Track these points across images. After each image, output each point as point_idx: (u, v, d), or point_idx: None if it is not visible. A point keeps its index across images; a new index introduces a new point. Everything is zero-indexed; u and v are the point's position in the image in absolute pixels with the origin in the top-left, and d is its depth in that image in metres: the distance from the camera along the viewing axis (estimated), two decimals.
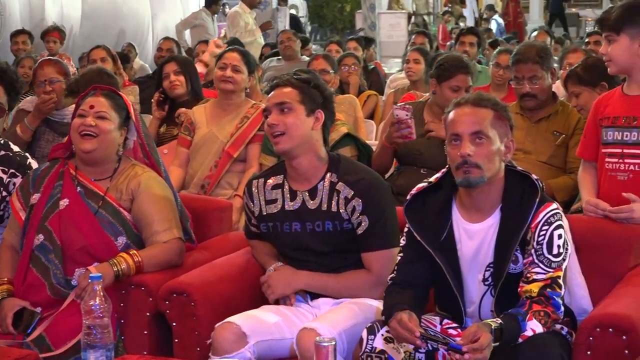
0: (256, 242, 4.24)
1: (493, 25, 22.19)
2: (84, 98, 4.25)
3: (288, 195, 4.03)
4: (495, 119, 3.57)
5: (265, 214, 4.06)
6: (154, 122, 6.76)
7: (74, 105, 4.49)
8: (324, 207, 3.96)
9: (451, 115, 3.64)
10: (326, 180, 3.99)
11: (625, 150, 4.31)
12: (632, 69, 4.33)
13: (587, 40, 9.35)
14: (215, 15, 15.64)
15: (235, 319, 3.80)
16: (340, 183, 3.95)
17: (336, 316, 3.79)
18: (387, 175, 5.48)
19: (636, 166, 4.30)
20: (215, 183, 5.77)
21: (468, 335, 3.27)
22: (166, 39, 11.17)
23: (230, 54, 6.07)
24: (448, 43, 13.70)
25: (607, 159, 4.39)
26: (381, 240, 3.90)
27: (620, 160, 4.35)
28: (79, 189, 4.24)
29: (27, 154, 4.67)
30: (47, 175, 4.28)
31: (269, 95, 4.04)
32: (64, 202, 4.21)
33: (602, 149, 4.42)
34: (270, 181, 4.08)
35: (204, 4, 15.69)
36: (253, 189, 4.12)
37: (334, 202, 3.95)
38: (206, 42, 9.47)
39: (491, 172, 3.55)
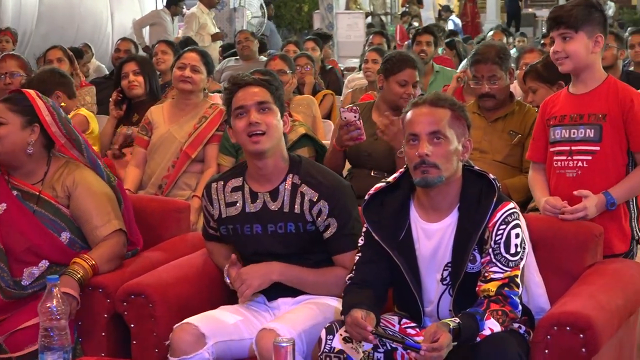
0: (213, 244, 4.21)
1: (450, 26, 22.31)
2: None
3: (249, 198, 4.00)
4: (452, 119, 3.58)
5: (225, 216, 4.03)
6: (111, 121, 6.75)
7: None
8: (286, 208, 3.94)
9: (409, 115, 3.64)
10: (288, 181, 3.96)
11: (573, 148, 4.33)
12: (586, 67, 4.34)
13: (542, 41, 9.43)
14: (176, 16, 15.60)
15: (193, 319, 3.78)
16: (303, 185, 3.93)
17: (296, 316, 3.78)
18: None
19: (584, 162, 4.32)
20: (172, 183, 5.75)
21: (428, 335, 3.27)
22: (124, 39, 11.10)
23: (189, 54, 6.05)
24: (405, 43, 13.71)
25: (555, 157, 4.42)
26: (352, 241, 3.86)
27: (569, 158, 4.37)
28: (14, 192, 4.22)
29: None
30: None
31: (238, 93, 3.96)
32: (1, 207, 4.20)
33: (550, 148, 4.45)
34: (230, 183, 4.05)
35: (164, 4, 15.62)
36: (212, 192, 4.08)
37: (297, 204, 3.93)
38: (165, 42, 9.41)
39: (449, 172, 3.55)
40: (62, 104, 5.80)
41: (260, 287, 3.90)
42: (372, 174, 5.32)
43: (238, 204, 4.01)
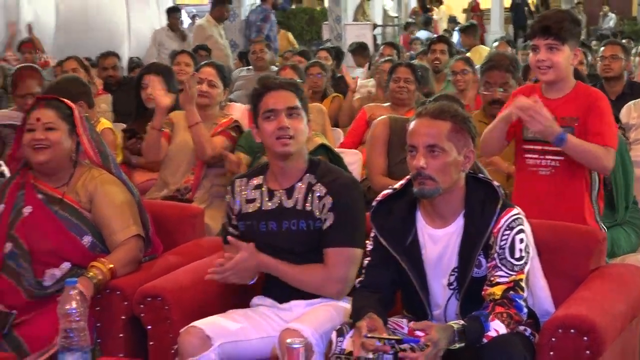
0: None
1: (455, 38, 22.33)
2: (30, 111, 4.25)
3: (266, 196, 4.03)
4: (452, 132, 3.57)
5: (243, 212, 4.05)
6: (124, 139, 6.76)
7: None
8: (299, 206, 3.95)
9: (411, 125, 3.64)
10: (304, 180, 3.98)
11: (545, 147, 4.44)
12: (566, 77, 4.50)
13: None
14: (177, 27, 15.60)
15: (198, 323, 3.80)
16: (317, 184, 3.96)
17: (315, 317, 3.78)
18: None
19: (557, 162, 4.47)
20: (196, 189, 5.79)
21: (419, 326, 3.32)
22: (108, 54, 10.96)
23: (206, 68, 6.08)
24: (407, 53, 13.75)
25: (526, 155, 4.55)
26: (342, 238, 3.87)
27: (541, 157, 4.51)
28: (39, 195, 4.25)
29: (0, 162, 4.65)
30: (9, 187, 4.30)
31: (269, 96, 3.97)
32: (27, 210, 4.22)
33: (522, 145, 4.56)
34: (252, 182, 4.08)
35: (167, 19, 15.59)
36: (236, 187, 4.11)
37: (308, 202, 3.95)
38: (188, 53, 9.42)
39: (446, 184, 3.56)
40: (85, 113, 5.82)
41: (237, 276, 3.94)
42: None
43: (256, 201, 4.04)
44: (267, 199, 4.02)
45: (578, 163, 4.41)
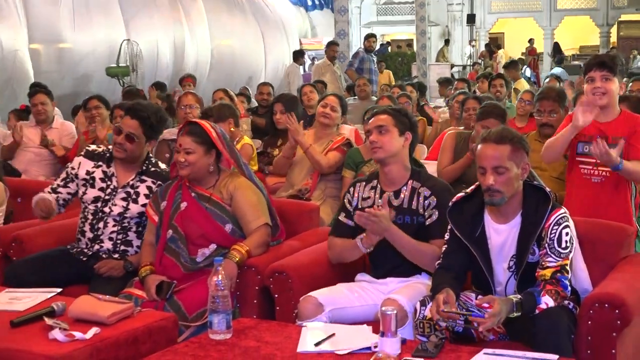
0: (339, 239, 4.12)
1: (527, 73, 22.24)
2: (178, 135, 4.33)
3: (378, 195, 4.05)
4: (512, 152, 3.54)
5: (360, 207, 4.07)
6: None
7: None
8: (405, 205, 3.97)
9: (479, 148, 3.61)
10: (408, 185, 4.01)
11: (598, 161, 4.35)
12: (614, 103, 4.45)
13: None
14: (301, 65, 15.80)
15: (314, 293, 3.81)
16: (422, 187, 3.98)
17: (409, 291, 3.78)
18: None
19: (607, 172, 4.42)
20: (313, 190, 5.82)
21: (485, 300, 3.29)
22: (264, 84, 11.17)
23: (331, 97, 6.19)
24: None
25: (581, 166, 4.50)
26: (444, 230, 3.83)
27: (594, 168, 4.45)
28: (193, 194, 4.30)
29: (167, 169, 4.73)
30: (170, 188, 4.38)
31: (369, 120, 4.13)
32: (183, 205, 4.28)
33: (576, 158, 4.51)
34: (369, 184, 4.12)
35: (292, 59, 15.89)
36: (356, 187, 4.15)
37: (414, 202, 3.96)
38: (311, 84, 9.74)
39: (510, 193, 3.54)
40: (232, 129, 5.96)
41: (376, 232, 3.86)
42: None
43: (370, 199, 4.06)
44: (378, 197, 4.05)
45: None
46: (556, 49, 27.79)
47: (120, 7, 15.33)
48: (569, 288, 3.46)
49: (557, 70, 19.86)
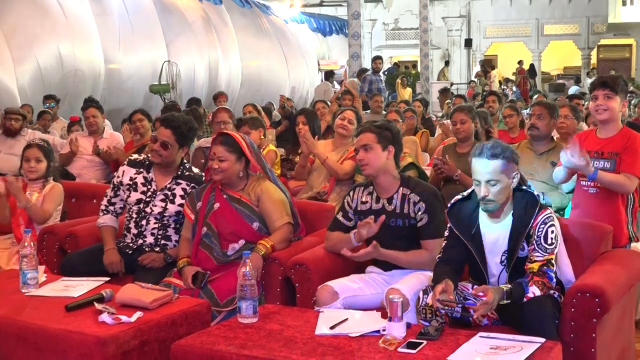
0: (337, 233, 4.13)
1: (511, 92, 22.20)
2: (213, 144, 4.31)
3: (375, 200, 4.04)
4: (504, 166, 3.49)
5: (358, 209, 4.07)
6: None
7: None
8: (398, 210, 3.96)
9: (473, 162, 3.56)
10: (399, 192, 3.99)
11: (578, 171, 4.31)
12: (616, 120, 4.34)
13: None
14: (334, 82, 16.04)
15: (330, 282, 3.82)
16: (412, 193, 3.95)
17: (411, 281, 3.77)
18: None
19: (599, 186, 4.33)
20: (330, 192, 5.79)
21: (479, 289, 3.28)
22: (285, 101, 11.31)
23: (348, 112, 6.10)
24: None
25: (581, 179, 4.42)
26: (435, 232, 3.87)
27: (590, 182, 4.36)
28: (225, 196, 4.30)
29: (201, 173, 4.72)
30: (204, 190, 4.38)
31: (357, 138, 4.06)
32: (216, 205, 4.28)
33: (578, 172, 4.39)
34: (367, 189, 4.10)
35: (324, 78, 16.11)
36: (356, 191, 4.14)
37: (405, 207, 3.94)
38: (323, 101, 9.80)
39: (503, 200, 3.51)
40: (262, 137, 6.00)
41: (365, 258, 3.92)
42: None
43: (367, 203, 4.05)
44: (375, 202, 4.04)
45: None
46: (531, 70, 27.86)
47: (162, 32, 15.42)
48: (554, 279, 3.44)
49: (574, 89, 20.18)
